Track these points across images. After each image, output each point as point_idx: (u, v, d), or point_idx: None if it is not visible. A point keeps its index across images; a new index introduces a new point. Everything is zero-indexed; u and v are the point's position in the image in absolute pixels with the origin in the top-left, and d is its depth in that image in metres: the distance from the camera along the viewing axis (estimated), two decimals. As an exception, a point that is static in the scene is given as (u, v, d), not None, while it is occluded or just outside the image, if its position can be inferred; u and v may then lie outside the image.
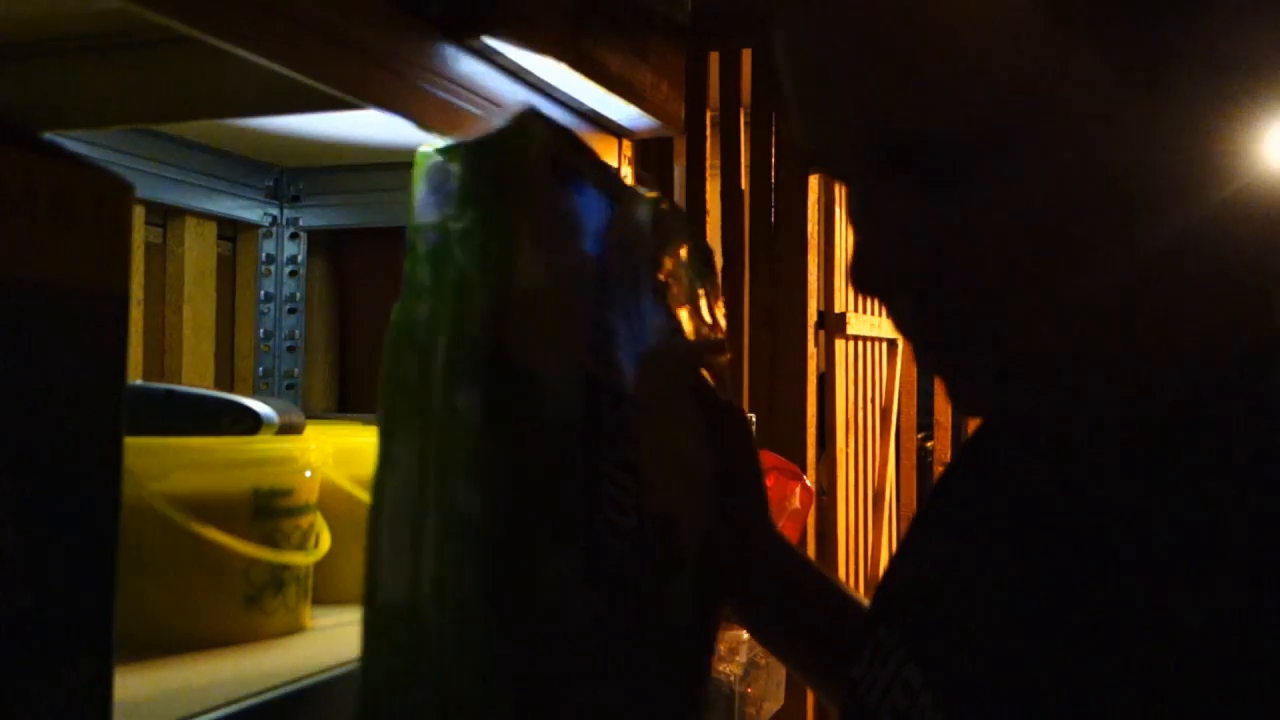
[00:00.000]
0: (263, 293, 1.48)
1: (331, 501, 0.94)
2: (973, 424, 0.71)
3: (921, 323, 0.51)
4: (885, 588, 0.66)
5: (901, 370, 3.10)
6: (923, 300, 0.49)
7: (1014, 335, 0.48)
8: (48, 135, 0.50)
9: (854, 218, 0.52)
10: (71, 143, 1.07)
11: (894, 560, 0.68)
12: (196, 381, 1.37)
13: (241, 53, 0.72)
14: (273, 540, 0.84)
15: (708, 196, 2.62)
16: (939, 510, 0.67)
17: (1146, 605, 0.43)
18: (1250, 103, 0.45)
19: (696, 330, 0.73)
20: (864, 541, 2.93)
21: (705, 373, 0.74)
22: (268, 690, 0.69)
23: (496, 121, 0.58)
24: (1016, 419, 0.61)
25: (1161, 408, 0.49)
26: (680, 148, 2.57)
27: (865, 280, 0.50)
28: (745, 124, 2.62)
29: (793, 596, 0.78)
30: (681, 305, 0.71)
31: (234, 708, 0.66)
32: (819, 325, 2.63)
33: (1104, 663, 0.43)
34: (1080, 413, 0.53)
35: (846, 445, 2.79)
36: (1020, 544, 0.53)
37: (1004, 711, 0.47)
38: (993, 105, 0.45)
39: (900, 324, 0.52)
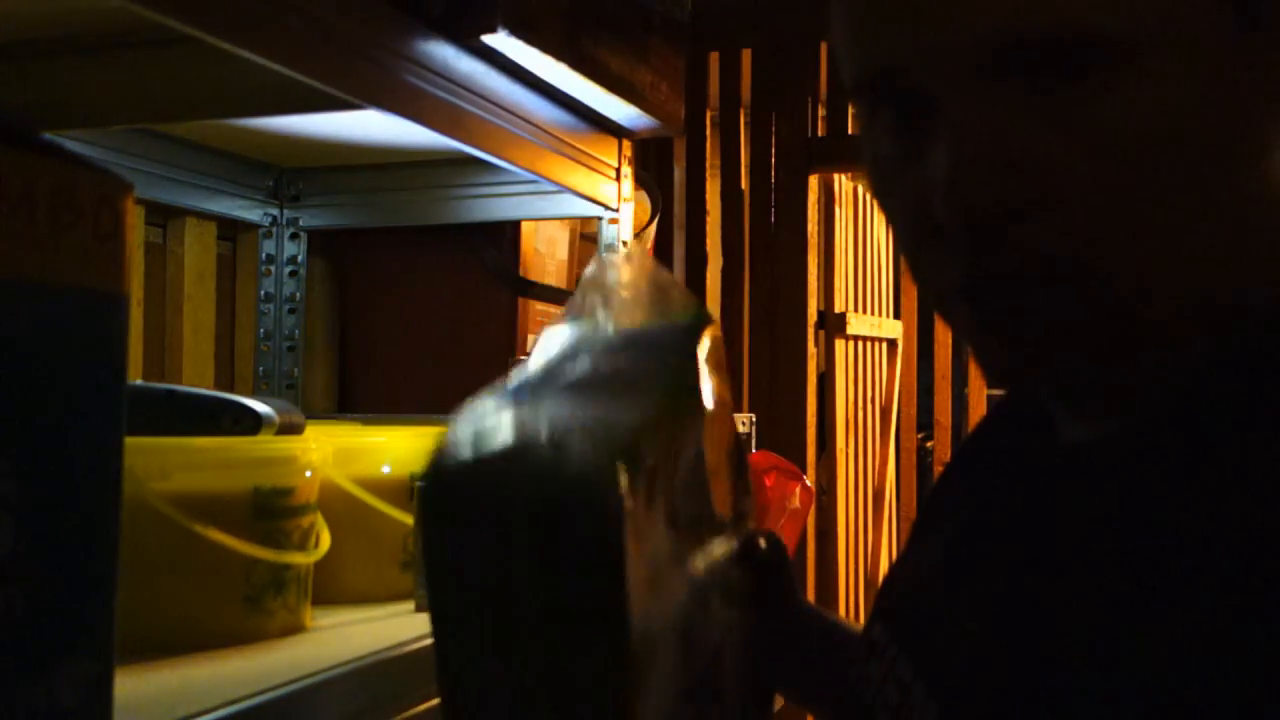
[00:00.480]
0: (263, 293, 1.48)
1: (331, 501, 0.94)
2: (973, 423, 0.71)
3: (994, 257, 0.47)
4: (883, 590, 0.67)
5: (901, 370, 3.10)
6: (1008, 228, 0.46)
7: (1090, 272, 0.46)
8: (48, 135, 0.50)
9: (933, 141, 0.47)
10: (71, 143, 1.07)
11: (893, 565, 0.69)
12: (196, 381, 1.37)
13: (241, 53, 0.72)
14: (273, 540, 0.84)
15: (708, 196, 2.62)
16: (937, 510, 0.67)
17: (1133, 599, 0.43)
18: None
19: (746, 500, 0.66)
20: (864, 541, 2.94)
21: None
22: (268, 690, 0.69)
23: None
24: (1015, 415, 0.61)
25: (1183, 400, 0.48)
26: (680, 148, 2.58)
27: (959, 207, 0.46)
28: (745, 124, 2.62)
29: (819, 659, 0.79)
30: (722, 483, 0.63)
31: (234, 708, 0.66)
32: (819, 325, 2.63)
33: (1095, 656, 0.43)
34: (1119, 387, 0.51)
35: (846, 445, 2.80)
36: (1013, 539, 0.53)
37: (996, 701, 0.47)
38: (1133, 10, 0.44)
39: (963, 261, 0.48)
